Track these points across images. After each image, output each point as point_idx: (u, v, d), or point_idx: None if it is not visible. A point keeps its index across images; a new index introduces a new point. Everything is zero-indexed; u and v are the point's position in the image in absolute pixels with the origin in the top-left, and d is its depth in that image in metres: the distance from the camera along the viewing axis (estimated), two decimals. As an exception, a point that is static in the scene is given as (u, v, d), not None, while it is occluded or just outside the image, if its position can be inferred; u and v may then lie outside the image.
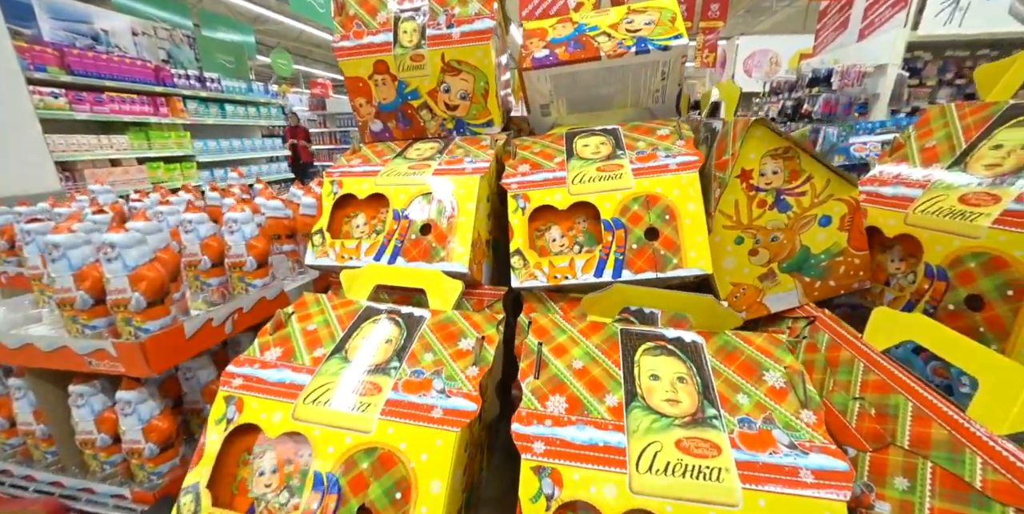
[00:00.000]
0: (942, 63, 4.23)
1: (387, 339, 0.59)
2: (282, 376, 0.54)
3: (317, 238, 0.75)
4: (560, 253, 0.72)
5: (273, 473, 0.50)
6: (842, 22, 5.01)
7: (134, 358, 0.53)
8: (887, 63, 4.01)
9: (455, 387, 0.52)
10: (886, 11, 4.30)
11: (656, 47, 0.75)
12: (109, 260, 0.53)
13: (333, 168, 0.81)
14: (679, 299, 0.56)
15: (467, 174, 0.73)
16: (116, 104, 4.21)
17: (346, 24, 0.83)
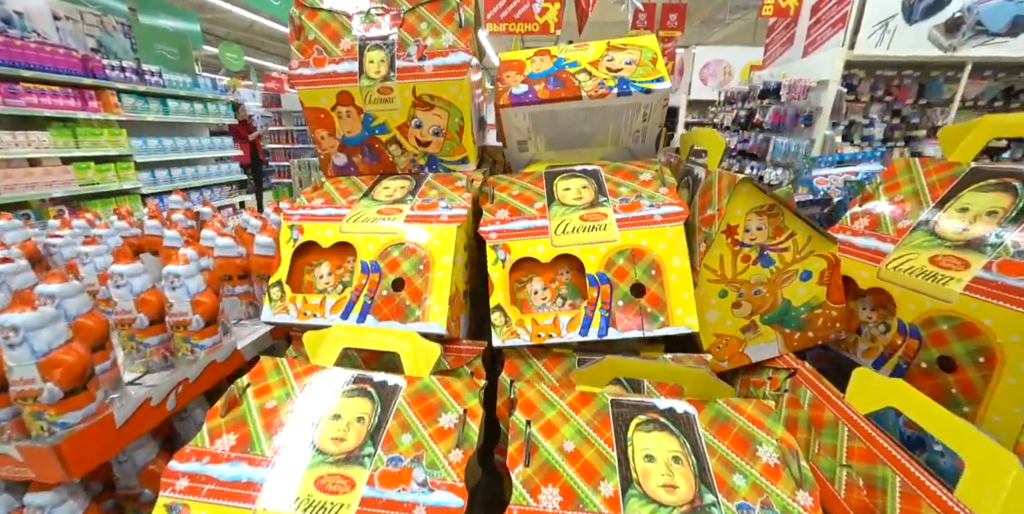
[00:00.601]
0: (874, 81, 4.55)
1: (358, 417, 0.53)
2: (237, 472, 0.47)
3: (275, 291, 0.68)
4: (543, 306, 0.68)
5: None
6: (788, 38, 5.29)
7: (47, 463, 0.45)
8: (828, 79, 4.27)
9: (438, 477, 0.47)
10: (827, 31, 4.58)
11: (638, 89, 0.73)
12: (11, 346, 0.44)
13: (292, 210, 0.73)
14: (672, 371, 0.55)
15: (443, 222, 0.68)
16: (35, 97, 3.78)
17: (305, 49, 0.75)
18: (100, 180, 4.36)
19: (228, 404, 0.54)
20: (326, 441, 0.51)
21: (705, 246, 0.65)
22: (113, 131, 4.45)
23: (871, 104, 4.46)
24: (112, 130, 4.44)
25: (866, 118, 4.45)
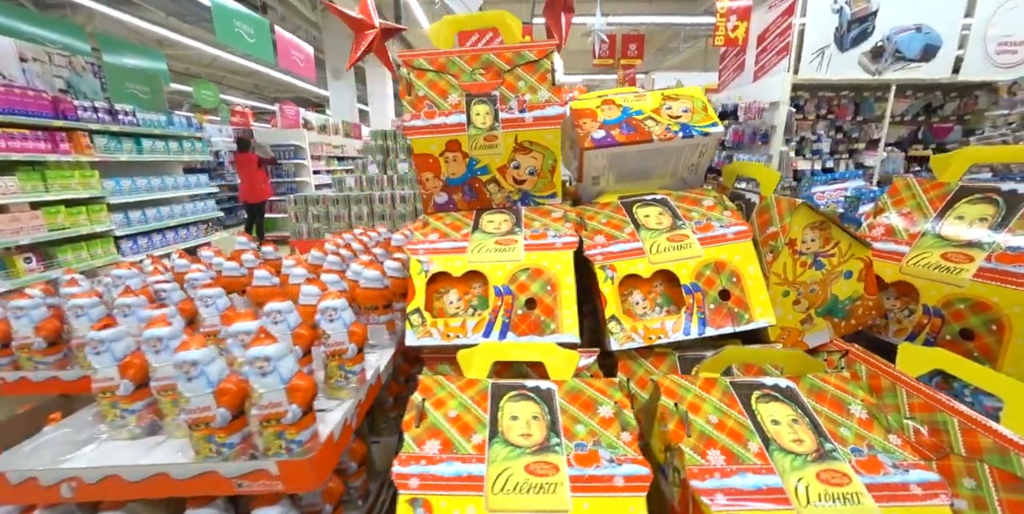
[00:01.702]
0: (817, 101, 5.11)
1: (533, 416, 0.64)
2: (455, 469, 0.57)
3: (416, 318, 0.78)
4: (644, 314, 0.82)
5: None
6: (739, 65, 5.86)
7: (301, 475, 0.53)
8: (779, 100, 4.77)
9: (619, 454, 0.59)
10: (773, 58, 5.13)
11: (698, 133, 0.91)
12: (264, 374, 0.53)
13: (414, 245, 0.84)
14: (779, 355, 0.69)
15: (558, 249, 0.82)
16: (2, 141, 3.65)
17: (416, 104, 0.88)
18: (71, 224, 4.19)
19: (419, 417, 0.63)
20: (516, 437, 0.61)
21: (772, 256, 0.81)
22: (84, 173, 4.32)
23: (817, 121, 4.98)
24: (83, 172, 4.31)
25: (814, 134, 4.96)
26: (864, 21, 4.45)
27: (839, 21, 4.54)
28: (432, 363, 0.80)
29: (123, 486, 0.53)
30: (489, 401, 0.66)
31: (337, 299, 0.73)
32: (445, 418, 0.63)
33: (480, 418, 0.63)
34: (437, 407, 0.64)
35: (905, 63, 4.31)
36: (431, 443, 0.59)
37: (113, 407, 0.64)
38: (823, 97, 5.06)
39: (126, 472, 0.53)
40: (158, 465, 0.54)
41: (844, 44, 4.46)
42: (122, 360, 0.64)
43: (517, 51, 0.89)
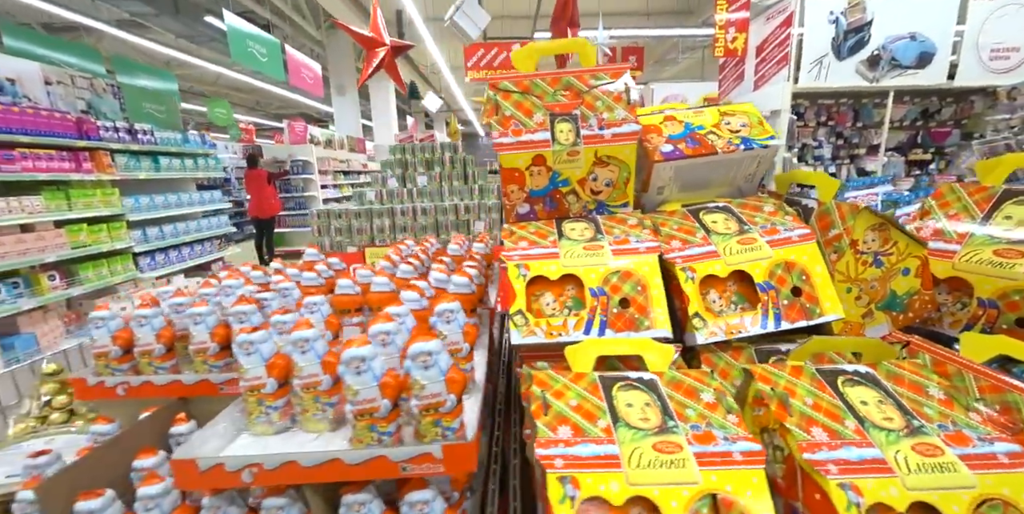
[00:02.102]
0: (817, 108, 5.26)
1: (645, 403, 0.71)
2: (591, 450, 0.63)
3: (519, 318, 0.85)
4: (722, 311, 0.89)
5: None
6: (739, 75, 6.02)
7: (463, 458, 0.59)
8: (780, 109, 4.91)
9: (731, 434, 0.66)
10: (772, 68, 5.30)
11: (759, 145, 0.99)
12: (426, 368, 0.59)
13: (509, 252, 0.92)
14: (859, 343, 0.76)
15: (642, 253, 0.89)
16: (29, 161, 3.73)
17: (503, 123, 0.96)
18: (92, 242, 4.25)
19: (545, 407, 0.70)
20: (636, 421, 0.68)
21: (836, 256, 0.89)
22: (106, 191, 4.40)
23: (817, 128, 5.12)
24: (105, 190, 4.39)
25: (815, 141, 5.10)
26: (860, 31, 4.62)
27: (836, 31, 4.71)
28: (530, 360, 0.87)
29: (299, 471, 0.60)
30: (602, 391, 0.73)
31: (452, 302, 0.80)
32: (568, 407, 0.70)
33: (599, 406, 0.70)
34: (557, 397, 0.71)
35: (902, 70, 4.47)
36: (563, 429, 0.66)
37: (259, 404, 0.70)
38: (823, 104, 5.21)
39: (302, 458, 0.60)
40: (331, 452, 0.60)
41: (841, 53, 4.62)
42: (268, 360, 0.71)
43: (594, 74, 0.98)
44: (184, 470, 0.60)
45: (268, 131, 19.31)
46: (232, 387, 0.86)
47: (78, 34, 8.62)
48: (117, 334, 0.90)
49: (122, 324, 0.91)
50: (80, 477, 0.69)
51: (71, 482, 0.68)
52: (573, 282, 0.89)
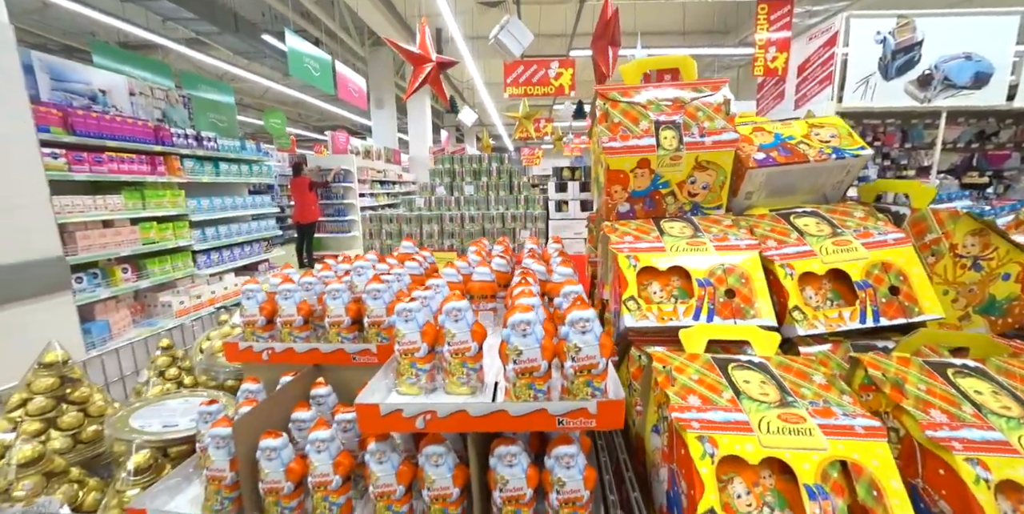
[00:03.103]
0: (862, 128, 5.22)
1: (761, 381, 0.77)
2: (723, 416, 0.69)
3: (632, 304, 0.92)
4: (819, 307, 0.95)
5: (748, 495, 0.64)
6: (779, 93, 6.04)
7: (613, 414, 0.66)
8: (824, 128, 4.90)
9: (850, 411, 0.70)
10: (815, 87, 5.30)
11: (850, 155, 1.05)
12: (584, 332, 0.67)
13: (618, 245, 1.00)
14: (966, 337, 0.81)
15: (743, 249, 0.96)
16: (115, 164, 4.07)
17: (612, 129, 1.06)
18: (160, 239, 4.55)
19: (671, 379, 0.76)
20: (757, 395, 0.73)
21: (934, 259, 0.93)
22: (174, 192, 4.72)
23: (863, 148, 5.07)
24: (173, 191, 4.72)
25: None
26: (910, 50, 4.59)
27: (883, 51, 4.69)
28: (639, 344, 0.94)
29: (467, 420, 0.68)
30: (718, 369, 0.79)
31: (576, 285, 0.88)
32: (691, 381, 0.76)
33: (720, 381, 0.76)
34: (679, 372, 0.78)
35: (955, 90, 4.41)
36: (691, 398, 0.72)
37: (411, 367, 0.79)
38: (868, 124, 5.17)
39: (471, 408, 0.68)
40: (497, 404, 0.68)
41: (889, 73, 4.60)
42: (422, 328, 0.80)
43: (695, 86, 1.06)
44: (367, 414, 0.69)
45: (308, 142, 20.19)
46: (364, 357, 0.96)
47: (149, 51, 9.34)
48: (263, 305, 1.01)
49: (266, 297, 1.03)
50: (256, 422, 0.79)
51: (252, 424, 0.78)
52: (678, 274, 0.96)
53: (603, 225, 1.09)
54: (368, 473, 0.73)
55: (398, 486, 0.72)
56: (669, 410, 0.70)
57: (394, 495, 0.72)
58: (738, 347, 0.90)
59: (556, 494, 0.68)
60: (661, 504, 0.74)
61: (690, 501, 0.63)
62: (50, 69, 3.90)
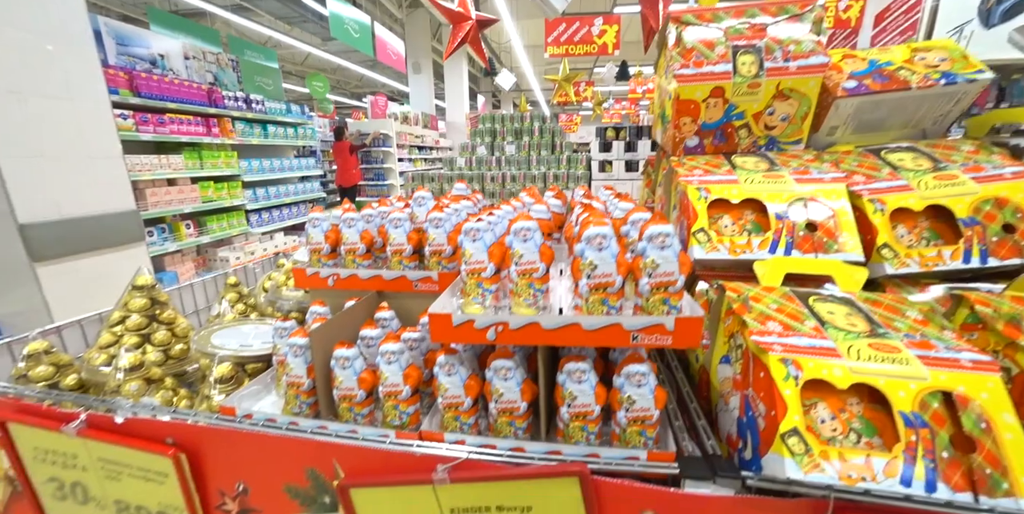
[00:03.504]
0: (948, 86, 4.66)
1: (848, 313, 0.72)
2: (807, 342, 0.66)
3: (701, 236, 0.88)
4: (912, 246, 0.87)
5: (833, 420, 0.61)
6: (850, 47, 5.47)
7: (691, 331, 0.65)
8: (903, 86, 4.42)
9: (954, 346, 0.65)
10: (895, 38, 4.75)
11: (964, 79, 0.93)
12: (663, 248, 0.64)
13: (687, 177, 0.95)
14: None
15: (828, 182, 0.89)
16: (176, 125, 4.26)
17: (684, 55, 0.98)
18: (217, 197, 4.79)
19: (747, 307, 0.73)
20: (843, 325, 0.69)
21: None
22: (228, 154, 4.91)
23: (946, 108, 4.55)
24: (227, 153, 4.91)
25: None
26: (1018, -7, 3.99)
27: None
28: (707, 279, 0.90)
29: (539, 333, 0.68)
30: (798, 300, 0.75)
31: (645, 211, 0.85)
32: (769, 309, 0.73)
33: (801, 311, 0.72)
34: (756, 301, 0.74)
35: (1070, 40, 3.83)
36: (771, 324, 0.69)
37: (478, 286, 0.80)
38: (956, 82, 4.61)
39: (544, 321, 0.68)
40: (570, 317, 0.68)
41: (991, 19, 4.01)
42: (489, 248, 0.80)
43: (781, 5, 0.96)
44: (440, 323, 0.71)
45: (347, 109, 20.38)
46: (426, 285, 0.98)
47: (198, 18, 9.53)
48: (328, 234, 1.04)
49: (330, 226, 1.06)
50: (330, 333, 0.83)
51: (326, 334, 0.82)
52: (752, 208, 0.91)
53: (669, 160, 1.03)
54: (436, 385, 0.76)
55: (466, 398, 0.74)
56: (747, 334, 0.68)
57: (462, 406, 0.75)
58: (817, 285, 0.85)
59: (625, 412, 0.68)
60: (729, 432, 0.73)
61: (769, 422, 0.61)
62: (115, 34, 4.06)
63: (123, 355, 1.00)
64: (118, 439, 0.83)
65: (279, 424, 0.79)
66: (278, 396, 0.93)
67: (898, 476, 0.55)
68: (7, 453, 0.92)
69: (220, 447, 0.81)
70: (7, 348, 1.17)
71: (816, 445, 0.57)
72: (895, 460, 0.56)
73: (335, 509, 0.77)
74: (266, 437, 0.77)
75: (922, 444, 0.56)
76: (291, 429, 0.78)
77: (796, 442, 0.58)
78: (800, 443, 0.57)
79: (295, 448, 0.76)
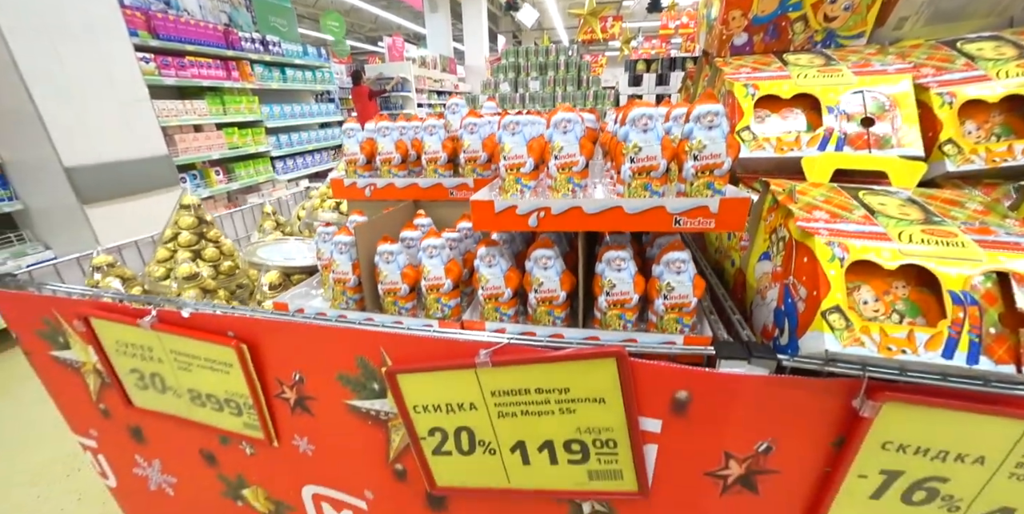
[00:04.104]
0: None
1: (901, 203, 0.69)
2: (854, 228, 0.64)
3: (746, 134, 0.84)
4: (980, 141, 0.81)
5: (876, 301, 0.61)
6: None
7: (736, 214, 0.64)
8: None
9: (1015, 231, 0.62)
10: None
11: None
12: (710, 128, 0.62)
13: (734, 74, 0.89)
14: None
15: (891, 74, 0.82)
16: (196, 69, 4.20)
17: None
18: (242, 144, 4.82)
19: (793, 198, 0.71)
20: (895, 214, 0.67)
21: None
22: (249, 99, 4.87)
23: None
24: (248, 98, 4.86)
25: None
26: None
27: None
28: (748, 182, 0.87)
29: (581, 218, 0.68)
30: (847, 194, 0.72)
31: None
32: (815, 200, 0.71)
33: (849, 202, 0.70)
34: (803, 194, 0.72)
35: None
36: (818, 213, 0.67)
37: (516, 182, 0.80)
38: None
39: (586, 205, 0.68)
40: (613, 200, 0.67)
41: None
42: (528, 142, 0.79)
43: None
44: (481, 210, 0.72)
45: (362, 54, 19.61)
46: (461, 192, 0.99)
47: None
48: (363, 144, 1.04)
49: (366, 136, 1.06)
50: (374, 229, 0.86)
51: (370, 231, 0.85)
52: (803, 105, 0.85)
53: (714, 62, 0.96)
54: (477, 277, 0.78)
55: (506, 289, 0.77)
56: (793, 222, 0.66)
57: (502, 297, 0.78)
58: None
59: (663, 299, 0.70)
60: (765, 324, 0.74)
61: (810, 303, 0.62)
62: (124, -32, 3.91)
63: (179, 267, 1.07)
64: (186, 332, 0.91)
65: (329, 317, 0.85)
66: (324, 299, 0.99)
67: (940, 349, 0.55)
68: (94, 347, 1.02)
69: (276, 339, 0.88)
70: (76, 263, 1.26)
71: (857, 321, 0.58)
72: (939, 335, 0.56)
73: (383, 395, 0.84)
74: (318, 328, 0.83)
75: (969, 321, 0.56)
76: (340, 321, 0.83)
77: (837, 318, 0.58)
78: (841, 319, 0.58)
79: (345, 338, 0.82)
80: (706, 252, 1.11)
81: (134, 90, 3.28)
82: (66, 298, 1.01)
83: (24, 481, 1.99)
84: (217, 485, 1.18)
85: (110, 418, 1.19)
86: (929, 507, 0.62)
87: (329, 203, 1.51)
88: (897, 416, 0.57)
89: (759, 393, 0.63)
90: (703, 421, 0.67)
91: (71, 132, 2.94)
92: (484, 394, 0.75)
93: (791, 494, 0.69)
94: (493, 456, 0.79)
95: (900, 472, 0.61)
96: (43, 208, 3.18)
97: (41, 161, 2.92)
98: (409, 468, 0.90)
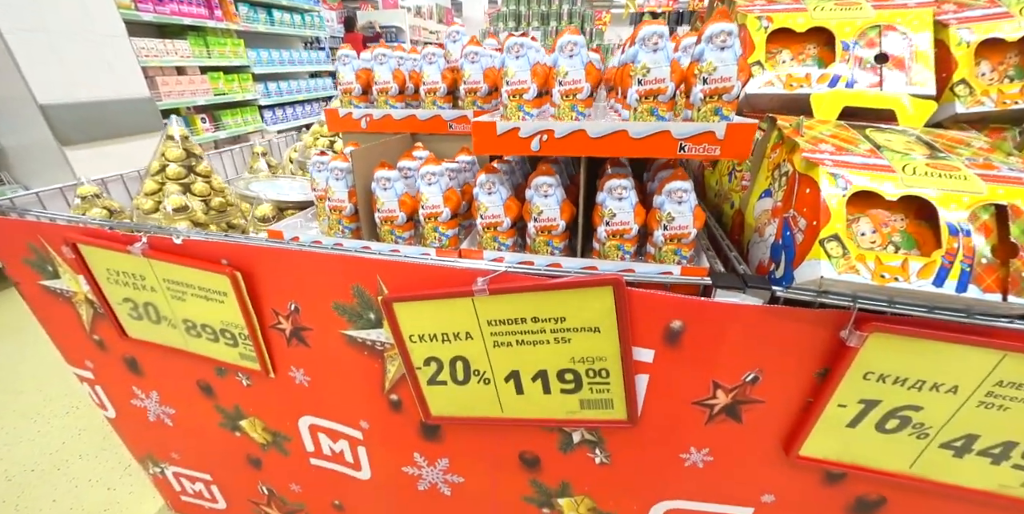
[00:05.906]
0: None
1: (907, 140, 0.69)
2: (858, 159, 0.63)
3: (756, 68, 0.82)
4: (993, 82, 0.79)
5: (873, 233, 0.62)
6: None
7: (743, 140, 0.62)
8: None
9: (1018, 168, 0.62)
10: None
11: None
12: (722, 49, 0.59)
13: (749, 7, 0.85)
14: None
15: (912, 7, 0.78)
16: (176, 4, 3.92)
17: None
18: (228, 90, 4.60)
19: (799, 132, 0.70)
20: (900, 148, 0.66)
21: None
22: (234, 41, 4.59)
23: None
24: (233, 40, 4.59)
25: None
26: None
27: None
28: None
29: (585, 142, 0.67)
30: (854, 130, 0.71)
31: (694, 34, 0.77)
32: (821, 134, 0.69)
33: (856, 137, 0.69)
34: (809, 129, 0.71)
35: None
36: (823, 146, 0.67)
37: (519, 110, 0.77)
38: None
39: (591, 128, 0.66)
40: (618, 124, 0.65)
41: None
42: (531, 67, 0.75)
43: None
44: (483, 132, 0.70)
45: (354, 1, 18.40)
46: (460, 125, 0.96)
47: None
48: (358, 73, 1.00)
49: (362, 66, 1.01)
50: (371, 155, 0.84)
51: (367, 156, 0.83)
52: (817, 40, 0.82)
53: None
54: (476, 205, 0.77)
55: (505, 218, 0.76)
56: (797, 153, 0.66)
57: (501, 226, 0.77)
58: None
59: (663, 230, 0.70)
60: (761, 260, 0.75)
61: (809, 233, 0.62)
62: None
63: (168, 198, 1.04)
64: (179, 259, 0.90)
65: (324, 245, 0.84)
66: (320, 232, 0.98)
67: (932, 277, 0.57)
68: (85, 276, 1.01)
69: (271, 268, 0.87)
70: (60, 192, 1.22)
71: (854, 249, 0.58)
72: (932, 263, 0.57)
73: (379, 325, 0.85)
74: (313, 256, 0.82)
75: (963, 250, 0.57)
76: (336, 249, 0.82)
77: (835, 246, 0.59)
78: (839, 247, 0.59)
79: (340, 266, 0.81)
80: (705, 198, 1.10)
81: (110, 24, 3.07)
82: (51, 224, 0.99)
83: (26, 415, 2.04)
84: (215, 416, 1.21)
85: (105, 350, 1.20)
86: (900, 434, 0.66)
87: (323, 142, 1.46)
88: (881, 347, 0.59)
89: (751, 323, 0.65)
90: (694, 351, 0.69)
91: (45, 67, 2.77)
92: (480, 323, 0.76)
93: (773, 423, 0.72)
94: (487, 386, 0.81)
95: (877, 401, 0.64)
96: (21, 148, 3.05)
97: (13, 97, 2.77)
98: (404, 398, 0.92)
